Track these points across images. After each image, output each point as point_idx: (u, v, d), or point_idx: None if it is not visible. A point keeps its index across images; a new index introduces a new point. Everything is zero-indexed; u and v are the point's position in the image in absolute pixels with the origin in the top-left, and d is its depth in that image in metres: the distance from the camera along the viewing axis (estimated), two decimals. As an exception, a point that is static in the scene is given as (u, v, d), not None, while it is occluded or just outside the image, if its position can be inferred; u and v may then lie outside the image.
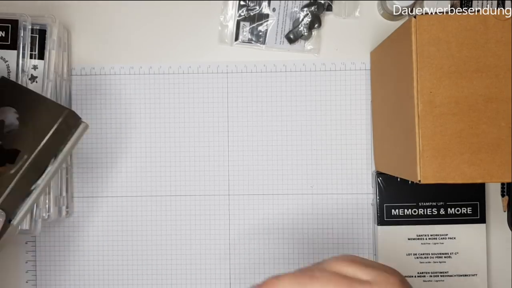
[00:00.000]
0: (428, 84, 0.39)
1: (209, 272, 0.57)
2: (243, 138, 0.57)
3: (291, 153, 0.56)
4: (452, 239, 0.54)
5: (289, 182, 0.56)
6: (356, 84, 0.56)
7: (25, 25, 0.50)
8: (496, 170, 0.39)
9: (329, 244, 0.56)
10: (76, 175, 0.58)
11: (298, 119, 0.56)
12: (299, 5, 0.56)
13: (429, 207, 0.54)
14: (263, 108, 0.57)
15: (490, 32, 0.39)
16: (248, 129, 0.57)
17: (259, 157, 0.57)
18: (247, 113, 0.57)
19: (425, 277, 0.54)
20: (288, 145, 0.56)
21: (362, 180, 0.56)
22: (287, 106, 0.57)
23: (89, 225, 0.58)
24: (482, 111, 0.39)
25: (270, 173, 0.56)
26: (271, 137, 0.57)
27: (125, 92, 0.57)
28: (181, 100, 0.57)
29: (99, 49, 0.58)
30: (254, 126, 0.57)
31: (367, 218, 0.56)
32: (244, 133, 0.57)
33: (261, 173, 0.56)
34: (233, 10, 0.56)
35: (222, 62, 0.57)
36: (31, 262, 0.58)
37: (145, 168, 0.57)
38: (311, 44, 0.56)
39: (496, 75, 0.39)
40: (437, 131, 0.39)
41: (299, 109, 0.56)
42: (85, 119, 0.58)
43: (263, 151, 0.57)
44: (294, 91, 0.57)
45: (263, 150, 0.57)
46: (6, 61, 0.50)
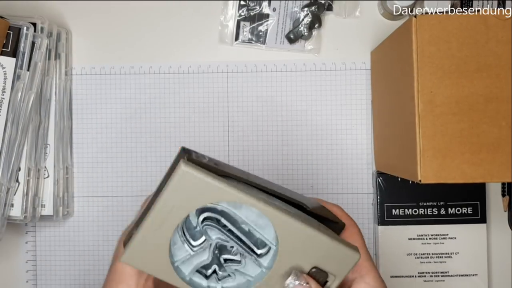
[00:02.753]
0: (429, 83, 0.39)
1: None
2: (243, 137, 0.57)
3: (291, 153, 0.56)
4: (453, 239, 0.54)
5: (290, 182, 0.56)
6: (357, 84, 0.56)
7: (27, 34, 0.50)
8: (497, 170, 0.39)
9: (329, 244, 0.56)
10: (76, 175, 0.58)
11: (299, 119, 0.56)
12: (300, 5, 0.56)
13: (430, 207, 0.54)
14: (263, 108, 0.57)
15: (490, 32, 0.39)
16: (248, 128, 0.57)
17: (259, 157, 0.57)
18: (247, 113, 0.57)
19: (425, 277, 0.54)
20: (288, 144, 0.56)
21: (363, 180, 0.56)
22: (287, 106, 0.57)
23: (89, 225, 0.58)
24: (482, 111, 0.39)
25: (270, 173, 0.56)
26: (272, 136, 0.57)
27: (125, 92, 0.57)
28: (181, 99, 0.57)
29: (99, 49, 0.58)
30: (254, 126, 0.57)
31: (368, 218, 0.56)
32: (244, 132, 0.57)
33: (261, 173, 0.56)
34: (233, 10, 0.56)
35: (222, 62, 0.57)
36: (31, 262, 0.58)
37: (145, 168, 0.57)
38: (312, 44, 0.56)
39: (497, 75, 0.39)
40: (438, 131, 0.39)
41: (300, 109, 0.56)
42: (85, 118, 0.58)
43: (263, 150, 0.56)
44: (294, 91, 0.57)
45: (263, 149, 0.56)
46: (4, 68, 0.50)
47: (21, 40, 0.50)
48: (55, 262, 0.58)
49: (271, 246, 0.33)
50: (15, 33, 0.50)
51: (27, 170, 0.52)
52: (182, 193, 0.31)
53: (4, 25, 0.50)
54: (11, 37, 0.50)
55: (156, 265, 0.33)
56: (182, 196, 0.31)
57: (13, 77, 0.50)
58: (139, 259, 0.33)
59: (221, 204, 0.32)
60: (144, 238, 0.32)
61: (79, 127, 0.57)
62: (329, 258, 0.33)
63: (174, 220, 0.32)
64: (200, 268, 0.34)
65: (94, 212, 0.57)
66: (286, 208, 0.33)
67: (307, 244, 0.33)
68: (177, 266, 0.33)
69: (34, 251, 0.58)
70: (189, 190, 0.31)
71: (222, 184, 0.31)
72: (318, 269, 0.33)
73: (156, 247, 0.32)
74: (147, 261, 0.33)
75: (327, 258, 0.33)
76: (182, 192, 0.31)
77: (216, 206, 0.33)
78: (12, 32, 0.50)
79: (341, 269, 0.34)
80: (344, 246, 0.33)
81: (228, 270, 0.34)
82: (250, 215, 0.33)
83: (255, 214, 0.32)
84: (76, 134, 0.57)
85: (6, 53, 0.50)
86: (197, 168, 0.31)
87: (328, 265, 0.33)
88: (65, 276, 0.58)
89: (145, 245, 0.32)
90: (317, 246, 0.33)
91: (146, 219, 0.32)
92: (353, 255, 0.33)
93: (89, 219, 0.58)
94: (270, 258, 0.33)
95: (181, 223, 0.33)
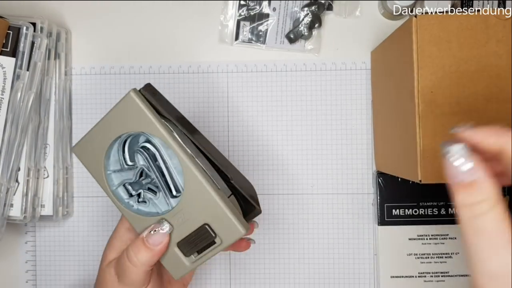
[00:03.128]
0: (429, 83, 0.39)
1: (209, 272, 0.57)
2: (243, 137, 0.57)
3: (292, 153, 0.56)
4: (453, 239, 0.54)
5: (289, 182, 0.56)
6: (357, 84, 0.56)
7: (27, 33, 0.50)
8: (497, 170, 0.39)
9: (329, 244, 0.56)
10: (76, 175, 0.58)
11: (299, 119, 0.56)
12: (300, 5, 0.55)
13: (430, 207, 0.54)
14: (263, 108, 0.57)
15: (491, 31, 0.39)
16: (248, 128, 0.57)
17: (259, 157, 0.56)
18: (247, 113, 0.57)
19: (425, 277, 0.54)
20: (289, 144, 0.56)
21: (363, 180, 0.56)
22: (288, 106, 0.56)
23: (89, 225, 0.58)
24: (482, 111, 0.39)
25: (270, 173, 0.56)
26: (272, 136, 0.56)
27: (125, 92, 0.57)
28: (181, 99, 0.57)
29: (99, 49, 0.58)
30: (254, 126, 0.57)
31: (368, 218, 0.56)
32: (244, 132, 0.57)
33: (261, 173, 0.56)
34: (233, 10, 0.56)
35: (222, 62, 0.57)
36: (30, 262, 0.58)
37: (145, 168, 0.57)
38: (312, 43, 0.56)
39: (497, 75, 0.39)
40: (438, 131, 0.39)
41: (300, 109, 0.56)
42: (85, 118, 0.58)
43: (264, 150, 0.56)
44: (294, 91, 0.56)
45: (264, 149, 0.56)
46: (4, 67, 0.50)
47: (21, 40, 0.50)
48: (55, 262, 0.58)
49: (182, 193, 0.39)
50: (15, 33, 0.50)
51: (26, 170, 0.52)
52: (123, 114, 0.39)
53: (4, 25, 0.50)
54: (11, 37, 0.50)
55: (93, 165, 0.41)
56: (122, 117, 0.39)
57: (12, 77, 0.50)
58: (84, 155, 0.41)
59: (155, 139, 0.39)
60: (90, 138, 0.41)
61: (79, 127, 0.57)
62: (220, 224, 0.38)
63: (112, 134, 0.40)
64: (127, 186, 0.42)
65: (94, 212, 0.57)
66: (205, 168, 0.39)
67: (206, 203, 0.38)
68: (109, 174, 0.41)
69: (33, 251, 0.58)
70: (129, 114, 0.39)
71: (154, 119, 0.38)
72: (209, 227, 0.39)
73: (96, 150, 0.40)
74: (88, 159, 0.41)
75: (219, 223, 0.39)
76: (123, 113, 0.39)
77: (155, 142, 0.39)
78: (12, 32, 0.50)
79: (227, 237, 0.39)
80: (235, 219, 0.38)
81: (145, 197, 0.41)
82: (176, 161, 0.39)
83: (177, 161, 0.39)
84: (75, 134, 0.57)
85: (6, 53, 0.50)
86: (141, 99, 0.38)
87: (218, 229, 0.39)
88: (65, 276, 0.58)
89: (89, 145, 0.41)
90: (213, 209, 0.38)
91: (94, 127, 0.40)
92: (238, 230, 0.38)
93: (89, 219, 0.57)
94: (178, 201, 0.39)
95: (121, 141, 0.41)
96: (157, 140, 0.39)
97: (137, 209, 0.41)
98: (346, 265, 0.56)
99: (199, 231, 0.39)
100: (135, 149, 0.40)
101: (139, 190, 0.41)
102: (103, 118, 0.40)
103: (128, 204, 0.42)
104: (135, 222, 0.41)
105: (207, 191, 0.38)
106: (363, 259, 0.56)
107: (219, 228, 0.39)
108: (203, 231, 0.39)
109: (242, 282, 0.57)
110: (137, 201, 0.41)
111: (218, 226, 0.39)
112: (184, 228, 0.40)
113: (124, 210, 0.41)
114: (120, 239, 0.43)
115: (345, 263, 0.56)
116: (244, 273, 0.57)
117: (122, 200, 0.41)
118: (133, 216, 0.41)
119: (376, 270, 0.55)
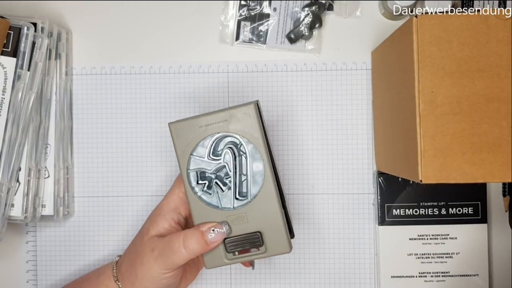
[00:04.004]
0: (430, 83, 0.39)
1: (209, 271, 0.57)
2: (243, 138, 0.57)
3: (292, 153, 0.56)
4: (454, 239, 0.54)
5: (290, 182, 0.56)
6: (357, 84, 0.56)
7: (28, 34, 0.50)
8: (498, 170, 0.39)
9: (330, 244, 0.56)
10: (76, 175, 0.58)
11: (299, 119, 0.56)
12: (300, 5, 0.55)
13: (431, 207, 0.54)
14: (264, 108, 0.57)
15: (491, 31, 0.39)
16: (248, 129, 0.57)
17: (260, 157, 0.56)
18: (247, 113, 0.57)
19: (426, 277, 0.54)
20: (289, 144, 0.56)
21: (363, 180, 0.56)
22: (288, 106, 0.56)
23: (89, 225, 0.58)
24: (483, 111, 0.39)
25: (271, 173, 0.56)
26: (271, 136, 0.56)
27: (126, 92, 0.57)
28: (181, 99, 0.57)
29: (100, 49, 0.58)
30: (254, 126, 0.57)
31: (368, 218, 0.56)
32: (245, 133, 0.57)
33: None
34: (233, 10, 0.56)
35: (222, 62, 0.57)
36: (31, 262, 0.58)
37: (145, 167, 0.57)
38: (312, 44, 0.56)
39: (498, 75, 0.39)
40: (439, 131, 0.39)
41: (300, 109, 0.56)
42: (85, 118, 0.58)
43: (264, 151, 0.56)
44: (295, 91, 0.57)
45: (264, 150, 0.56)
46: (5, 67, 0.50)
47: (22, 40, 0.50)
48: (56, 262, 0.58)
49: (249, 199, 0.44)
50: (16, 33, 0.50)
51: (27, 170, 0.52)
52: (236, 118, 0.44)
53: (5, 25, 0.50)
54: (12, 37, 0.50)
55: (183, 145, 0.45)
56: (235, 119, 0.44)
57: (13, 77, 0.50)
58: (178, 132, 0.45)
59: (248, 147, 0.44)
60: (193, 122, 0.44)
61: (80, 127, 0.57)
62: (272, 236, 0.44)
63: (219, 129, 0.44)
64: (201, 174, 0.45)
65: (94, 212, 0.57)
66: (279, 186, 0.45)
67: (269, 215, 0.44)
68: (191, 156, 0.45)
69: (34, 251, 0.58)
70: (242, 120, 0.44)
71: (261, 134, 0.44)
72: (261, 235, 0.44)
73: (195, 133, 0.44)
74: (180, 137, 0.45)
75: (271, 235, 0.44)
76: (237, 117, 0.44)
77: (245, 148, 0.44)
78: (13, 32, 0.50)
79: (272, 250, 0.44)
80: (287, 237, 0.44)
81: (214, 188, 0.45)
82: (256, 170, 0.44)
83: (257, 171, 0.44)
84: (76, 134, 0.57)
85: (7, 53, 0.50)
86: (257, 112, 0.44)
87: (268, 240, 0.44)
88: (65, 276, 0.58)
89: (189, 127, 0.44)
90: (273, 222, 0.43)
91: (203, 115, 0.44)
92: (286, 247, 0.44)
93: (90, 219, 0.58)
94: (242, 204, 0.44)
95: (219, 136, 0.44)
96: (248, 148, 0.44)
97: (199, 196, 0.45)
98: (347, 265, 0.56)
99: (250, 235, 0.44)
100: (227, 146, 0.45)
101: (206, 181, 0.45)
102: (215, 111, 0.44)
103: (193, 189, 0.45)
104: (195, 206, 0.45)
105: (275, 205, 0.43)
106: (364, 259, 0.56)
107: (269, 239, 0.44)
108: (254, 237, 0.44)
109: (243, 282, 0.57)
110: (202, 190, 0.45)
111: (269, 237, 0.44)
112: (238, 228, 0.44)
113: (189, 192, 0.45)
114: (164, 218, 0.47)
115: (346, 263, 0.56)
116: (245, 273, 0.57)
117: (190, 183, 0.45)
118: (196, 200, 0.45)
119: (377, 270, 0.55)
